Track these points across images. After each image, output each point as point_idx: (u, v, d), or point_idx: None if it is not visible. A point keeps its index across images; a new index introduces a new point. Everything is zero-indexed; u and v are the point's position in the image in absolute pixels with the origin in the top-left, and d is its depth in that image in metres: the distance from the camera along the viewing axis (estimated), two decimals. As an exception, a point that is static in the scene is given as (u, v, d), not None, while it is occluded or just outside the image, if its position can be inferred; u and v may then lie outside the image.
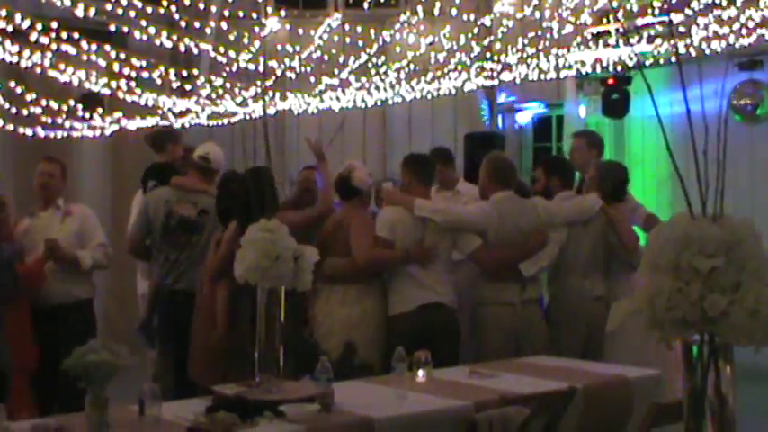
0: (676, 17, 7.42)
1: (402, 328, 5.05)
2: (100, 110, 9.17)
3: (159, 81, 8.72)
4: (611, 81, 9.46)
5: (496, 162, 5.63)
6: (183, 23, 8.28)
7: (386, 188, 5.51)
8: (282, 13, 9.55)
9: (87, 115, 9.10)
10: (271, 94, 9.44)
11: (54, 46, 7.66)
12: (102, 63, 8.30)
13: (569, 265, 5.54)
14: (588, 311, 5.40)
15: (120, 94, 8.77)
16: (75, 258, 5.61)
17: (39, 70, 8.03)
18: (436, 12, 8.52)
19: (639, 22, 8.03)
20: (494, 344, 5.21)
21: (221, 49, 8.70)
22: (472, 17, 8.84)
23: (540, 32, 8.32)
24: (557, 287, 5.64)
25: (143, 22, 7.71)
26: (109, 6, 7.45)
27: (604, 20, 8.57)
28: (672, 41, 7.17)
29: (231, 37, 8.91)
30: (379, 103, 9.96)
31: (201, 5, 8.79)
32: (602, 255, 5.66)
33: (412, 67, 9.01)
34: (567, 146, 7.24)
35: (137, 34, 7.79)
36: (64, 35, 7.61)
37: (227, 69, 8.93)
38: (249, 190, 4.68)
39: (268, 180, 4.84)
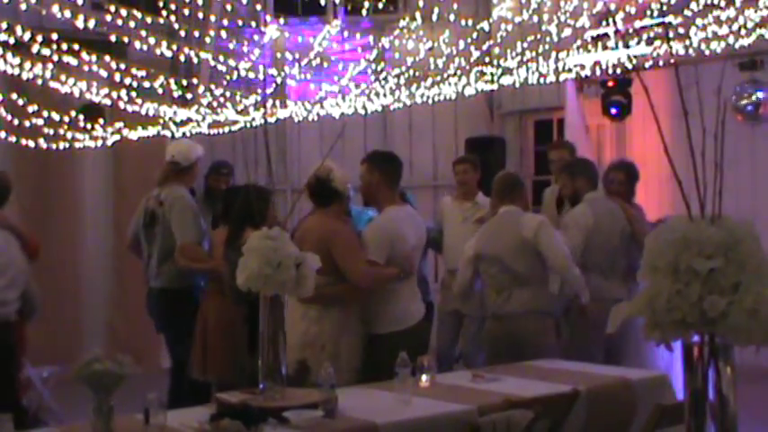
0: (675, 19, 7.42)
1: (407, 342, 4.70)
2: (101, 120, 9.17)
3: (160, 91, 8.74)
4: (611, 83, 9.47)
5: (500, 180, 5.56)
6: (182, 33, 8.30)
7: None
8: (281, 20, 9.56)
9: (89, 126, 9.10)
10: (271, 101, 9.45)
11: (55, 57, 7.67)
12: (103, 74, 8.30)
13: (590, 265, 5.57)
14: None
15: (121, 105, 8.77)
16: None
17: (40, 82, 8.03)
18: (435, 17, 8.54)
19: (638, 24, 8.02)
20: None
21: (221, 58, 8.72)
22: (471, 22, 8.85)
23: (538, 36, 8.32)
24: None
25: (143, 33, 7.71)
26: (109, 17, 7.45)
27: (603, 23, 8.56)
28: (670, 43, 7.18)
29: (231, 46, 8.93)
30: (379, 110, 9.96)
31: (201, 15, 8.82)
32: (624, 257, 5.74)
33: (411, 72, 9.02)
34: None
35: (137, 44, 7.79)
36: (64, 46, 7.62)
37: (228, 78, 8.94)
38: (249, 205, 4.76)
39: (267, 199, 4.96)
